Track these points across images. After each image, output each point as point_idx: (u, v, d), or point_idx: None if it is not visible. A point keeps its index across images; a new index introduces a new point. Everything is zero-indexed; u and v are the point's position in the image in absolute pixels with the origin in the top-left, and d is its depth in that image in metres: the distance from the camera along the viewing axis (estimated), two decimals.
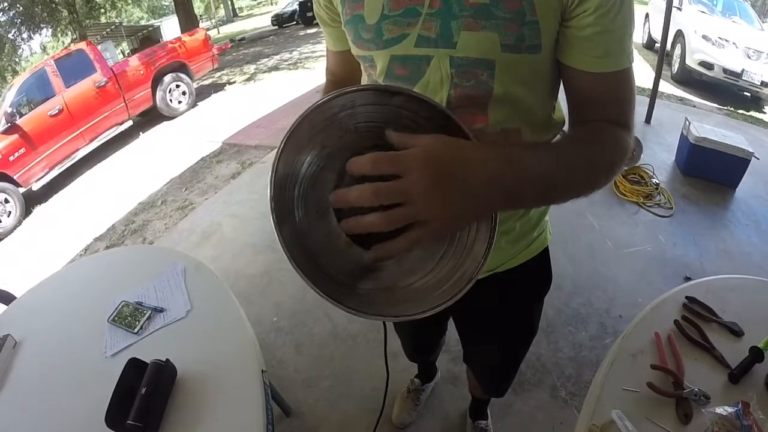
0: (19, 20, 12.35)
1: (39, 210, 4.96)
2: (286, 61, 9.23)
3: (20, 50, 13.75)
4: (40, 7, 11.67)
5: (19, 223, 4.69)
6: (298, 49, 10.25)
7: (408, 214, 0.45)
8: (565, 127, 0.71)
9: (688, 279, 2.24)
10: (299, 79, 7.23)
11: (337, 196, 0.47)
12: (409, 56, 0.63)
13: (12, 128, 4.94)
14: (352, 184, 0.47)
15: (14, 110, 5.06)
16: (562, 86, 0.70)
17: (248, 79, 8.30)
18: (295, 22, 15.80)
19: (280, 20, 16.26)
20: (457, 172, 0.46)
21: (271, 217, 0.49)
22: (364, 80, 0.78)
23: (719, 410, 0.76)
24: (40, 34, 13.87)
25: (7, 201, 4.62)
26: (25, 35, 13.17)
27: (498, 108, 0.64)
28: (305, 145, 0.52)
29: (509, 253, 0.85)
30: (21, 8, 11.53)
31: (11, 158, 4.87)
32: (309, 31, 13.10)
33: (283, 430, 1.75)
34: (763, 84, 4.90)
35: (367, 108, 0.52)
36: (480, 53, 0.59)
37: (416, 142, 0.47)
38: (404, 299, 0.54)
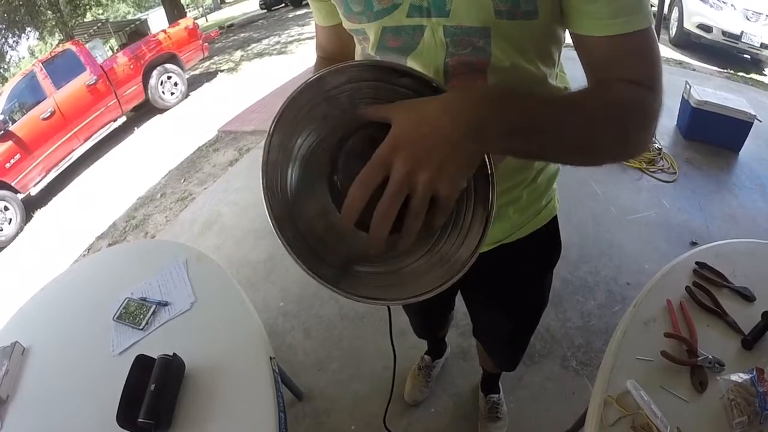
0: (4, 26, 12.12)
1: (39, 214, 4.93)
2: (276, 44, 9.09)
3: (8, 56, 13.56)
4: (22, 10, 11.41)
5: (21, 229, 4.65)
6: (287, 31, 10.11)
7: (401, 172, 0.42)
8: None
9: (694, 244, 2.22)
10: (290, 61, 7.13)
11: (343, 213, 0.45)
12: (401, 27, 0.61)
13: (5, 135, 4.88)
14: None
15: (6, 117, 5.00)
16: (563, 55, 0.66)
17: (239, 65, 8.19)
18: (283, 5, 15.62)
19: (268, 3, 16.06)
20: (411, 112, 0.46)
21: (264, 202, 0.47)
22: (358, 53, 0.76)
23: (734, 377, 0.75)
24: (27, 38, 13.67)
25: (6, 208, 4.57)
26: (11, 41, 12.95)
27: (497, 74, 0.62)
28: (298, 125, 0.50)
29: (517, 223, 0.84)
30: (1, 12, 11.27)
31: (7, 165, 4.82)
32: (298, 12, 12.91)
33: (296, 415, 1.76)
34: (763, 46, 4.76)
35: (354, 85, 0.50)
36: (474, 21, 0.57)
37: (387, 112, 0.47)
38: (409, 280, 0.52)
